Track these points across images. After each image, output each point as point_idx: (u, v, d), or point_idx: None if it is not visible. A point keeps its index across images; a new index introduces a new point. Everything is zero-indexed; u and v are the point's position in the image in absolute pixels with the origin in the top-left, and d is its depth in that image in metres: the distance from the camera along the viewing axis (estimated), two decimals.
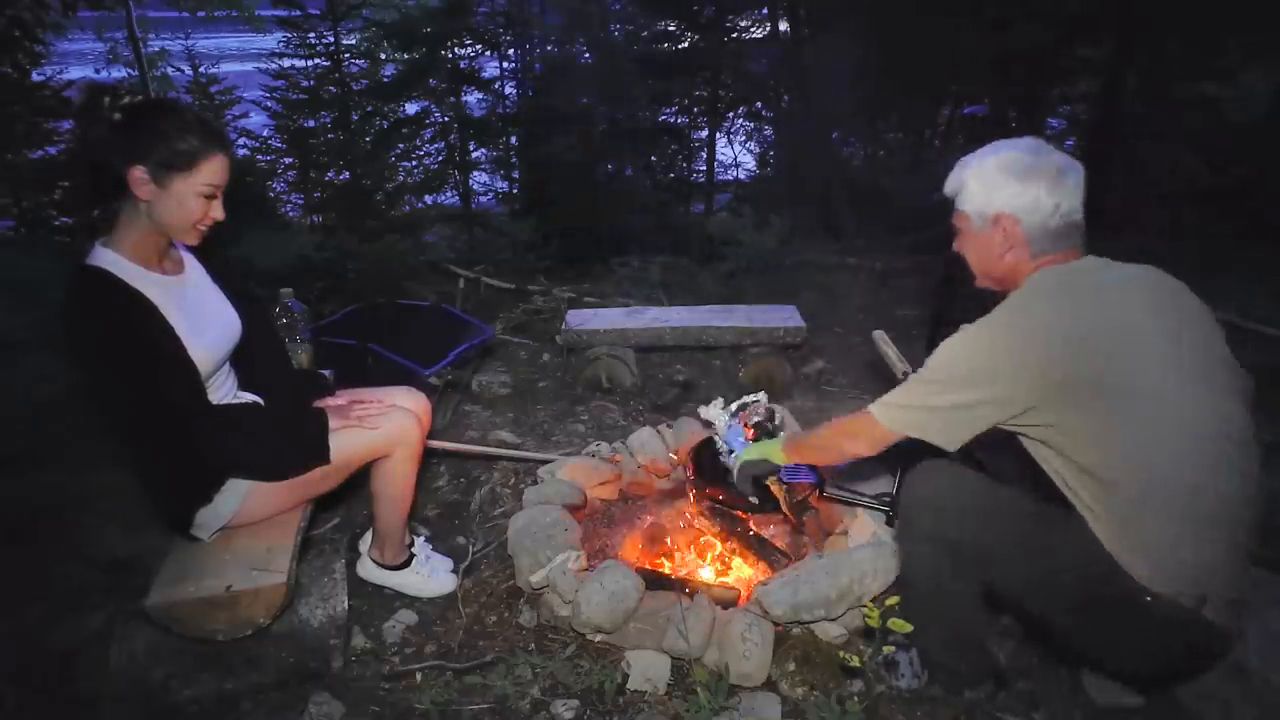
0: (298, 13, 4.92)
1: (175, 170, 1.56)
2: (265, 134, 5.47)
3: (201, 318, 1.73)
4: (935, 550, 1.51)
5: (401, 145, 5.69)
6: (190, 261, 1.80)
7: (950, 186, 1.56)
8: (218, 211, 1.65)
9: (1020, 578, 1.50)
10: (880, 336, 2.42)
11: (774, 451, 1.85)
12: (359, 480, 1.94)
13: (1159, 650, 1.46)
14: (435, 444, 1.95)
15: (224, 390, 1.85)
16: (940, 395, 1.45)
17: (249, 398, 1.93)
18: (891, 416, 1.52)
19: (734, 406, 2.24)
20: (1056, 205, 1.43)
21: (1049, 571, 1.45)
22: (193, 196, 1.60)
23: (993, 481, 1.54)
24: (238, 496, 1.79)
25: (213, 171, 1.61)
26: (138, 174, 1.54)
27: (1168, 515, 1.33)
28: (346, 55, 5.13)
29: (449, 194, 6.05)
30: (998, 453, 1.62)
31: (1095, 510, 1.38)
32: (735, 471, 1.96)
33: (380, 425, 1.84)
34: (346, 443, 1.81)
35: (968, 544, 1.48)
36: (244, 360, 1.92)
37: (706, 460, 2.26)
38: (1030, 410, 1.38)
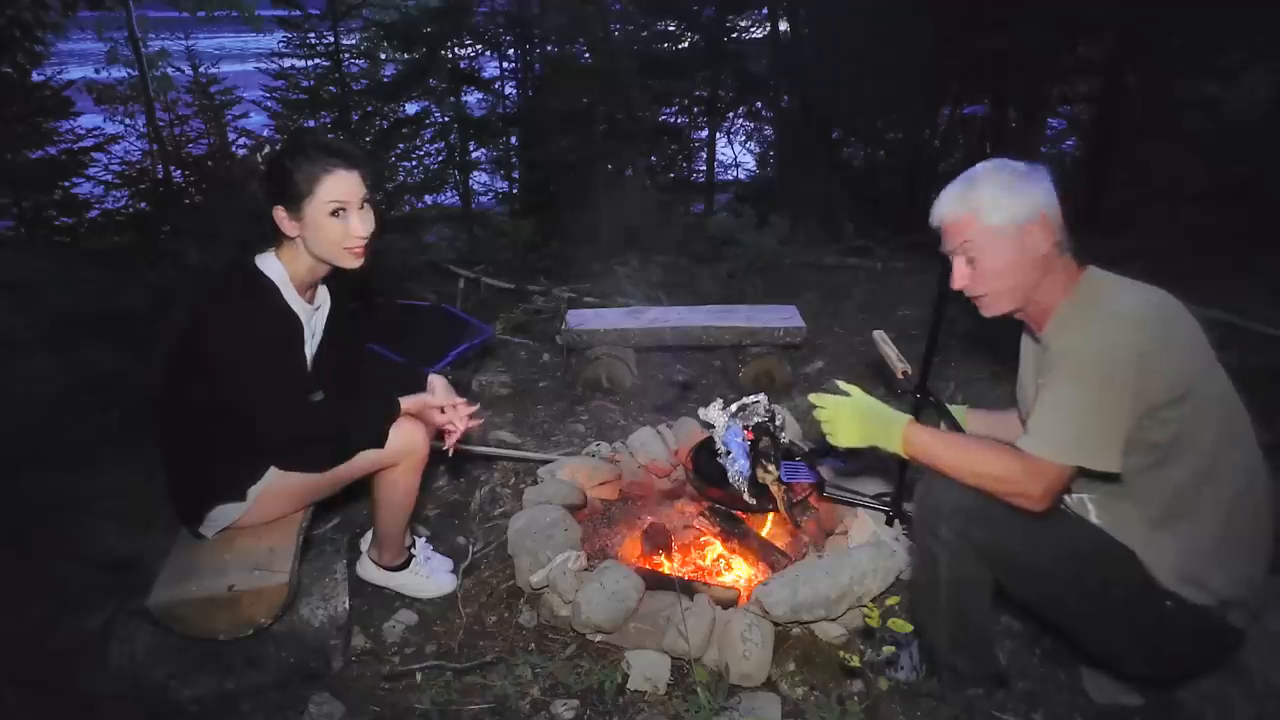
0: (298, 13, 4.91)
1: (302, 199, 1.61)
2: (265, 134, 5.47)
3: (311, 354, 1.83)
4: (956, 551, 1.49)
5: (401, 145, 5.68)
6: (325, 300, 1.86)
7: (961, 208, 1.46)
8: (357, 227, 1.66)
9: (1045, 578, 1.49)
10: (880, 336, 2.42)
11: (892, 436, 1.52)
12: (361, 479, 1.94)
13: (1177, 654, 1.49)
14: (450, 452, 1.96)
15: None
16: (1106, 394, 1.31)
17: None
18: (1065, 447, 1.33)
19: (734, 407, 2.25)
20: (1057, 206, 1.45)
21: (1072, 574, 1.45)
22: (322, 217, 1.63)
23: None
24: (250, 498, 1.81)
25: (331, 188, 1.62)
26: (279, 214, 1.62)
27: (1257, 517, 1.38)
28: (346, 55, 5.12)
29: (449, 194, 6.04)
30: None
31: (1159, 523, 1.39)
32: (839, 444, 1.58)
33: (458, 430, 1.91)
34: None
35: (993, 545, 1.47)
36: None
37: (705, 460, 2.27)
38: (1180, 390, 1.33)
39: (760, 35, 6.44)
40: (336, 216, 1.64)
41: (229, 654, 1.76)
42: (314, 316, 1.82)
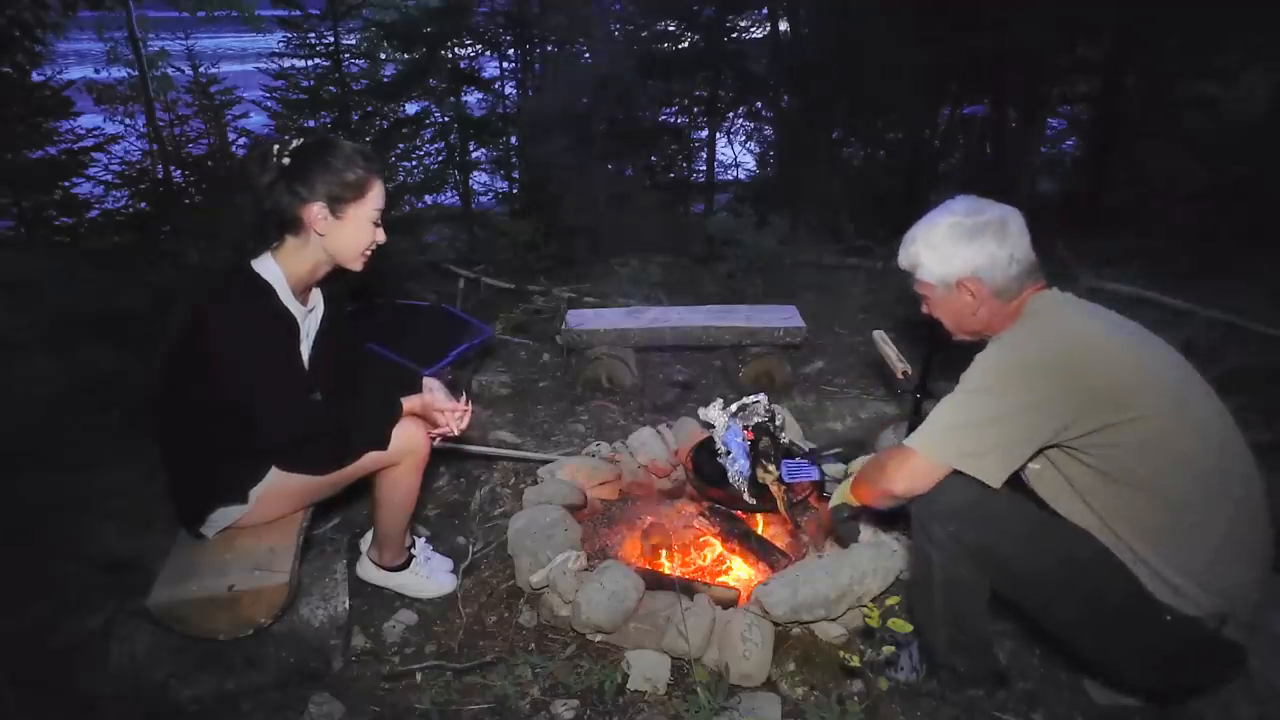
0: (298, 13, 4.92)
1: (348, 201, 1.65)
2: (265, 134, 5.48)
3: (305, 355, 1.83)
4: (950, 553, 1.49)
5: (401, 145, 5.68)
6: (318, 303, 1.87)
7: (905, 262, 1.59)
8: (381, 235, 1.74)
9: (1037, 586, 1.49)
10: (880, 336, 2.43)
11: (847, 494, 1.71)
12: (362, 479, 1.94)
13: (1175, 667, 1.48)
14: (436, 443, 1.95)
15: None
16: (987, 406, 1.41)
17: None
18: (933, 445, 1.45)
19: (734, 407, 2.25)
20: (1010, 255, 1.47)
21: (1066, 582, 1.45)
22: (365, 222, 1.69)
23: (1009, 489, 1.49)
24: (252, 499, 1.81)
25: (378, 196, 1.70)
26: (315, 210, 1.63)
27: (1216, 530, 1.35)
28: (346, 55, 5.12)
29: (449, 194, 6.05)
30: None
31: (1142, 535, 1.38)
32: (831, 514, 1.81)
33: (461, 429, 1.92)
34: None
35: (986, 549, 1.47)
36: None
37: (705, 460, 2.27)
38: (1081, 416, 1.35)
39: (760, 35, 6.44)
40: (374, 224, 1.71)
41: (229, 654, 1.76)
42: (308, 318, 1.82)
